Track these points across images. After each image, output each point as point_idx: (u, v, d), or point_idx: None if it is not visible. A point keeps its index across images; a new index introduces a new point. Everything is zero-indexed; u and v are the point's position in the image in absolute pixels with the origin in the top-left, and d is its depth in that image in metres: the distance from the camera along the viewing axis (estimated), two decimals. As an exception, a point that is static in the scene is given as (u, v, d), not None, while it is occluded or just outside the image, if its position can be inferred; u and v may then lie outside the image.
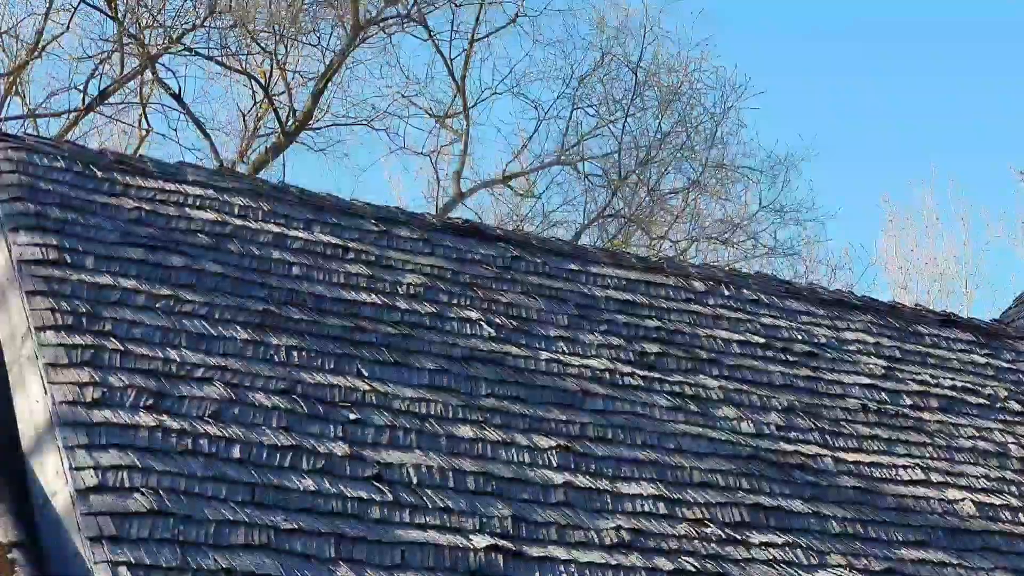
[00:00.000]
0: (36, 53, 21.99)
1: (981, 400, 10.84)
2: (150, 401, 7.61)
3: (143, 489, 7.10)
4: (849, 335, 10.95)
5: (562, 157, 24.80)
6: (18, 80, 22.26)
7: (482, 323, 9.34)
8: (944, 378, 10.91)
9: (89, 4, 22.09)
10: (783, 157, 25.99)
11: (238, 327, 8.40)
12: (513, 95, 25.04)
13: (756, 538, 8.52)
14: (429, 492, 7.86)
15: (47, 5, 21.93)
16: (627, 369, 9.50)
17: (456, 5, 23.90)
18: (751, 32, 40.73)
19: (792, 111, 40.14)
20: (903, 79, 43.65)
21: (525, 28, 25.06)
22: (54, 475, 7.17)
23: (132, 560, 6.73)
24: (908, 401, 10.47)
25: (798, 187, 40.10)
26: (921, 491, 9.57)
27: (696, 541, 8.30)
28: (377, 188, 42.23)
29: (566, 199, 25.19)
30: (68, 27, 22.21)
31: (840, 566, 8.58)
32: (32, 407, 7.53)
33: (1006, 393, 11.05)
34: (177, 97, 22.87)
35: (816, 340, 10.70)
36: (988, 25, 44.18)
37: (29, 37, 22.25)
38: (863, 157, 43.00)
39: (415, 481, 7.90)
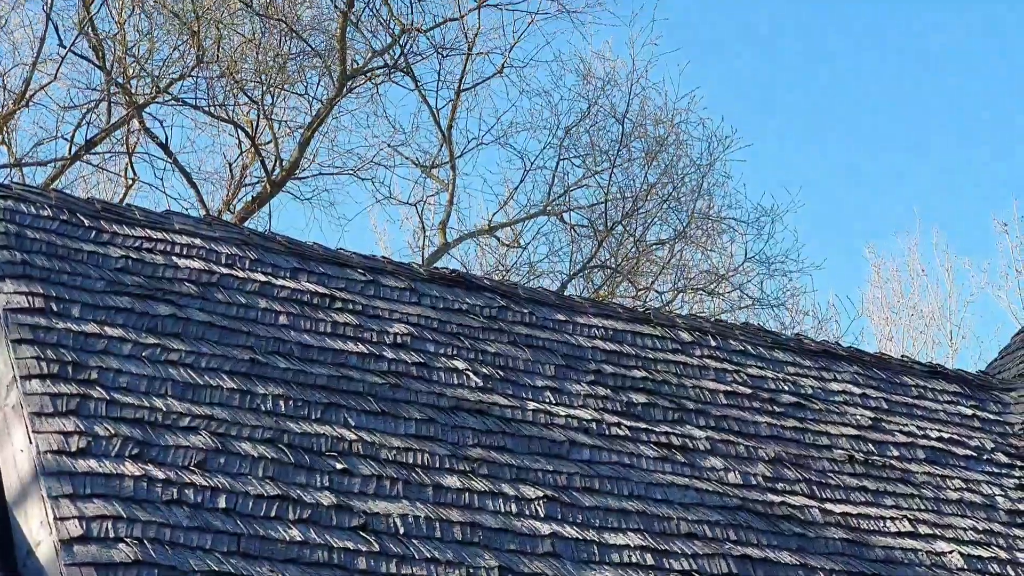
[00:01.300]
0: (23, 102, 22.01)
1: (968, 452, 10.83)
2: (135, 450, 7.58)
3: (128, 539, 7.06)
4: (835, 386, 10.95)
5: (548, 207, 24.84)
6: (5, 129, 22.27)
7: (469, 373, 9.32)
8: (931, 429, 10.90)
9: (76, 54, 22.14)
10: (769, 208, 26.08)
11: (224, 376, 8.38)
12: (499, 145, 25.10)
13: (743, 589, 8.49)
14: (415, 542, 7.83)
15: (35, 55, 21.97)
16: (614, 419, 9.48)
17: (443, 55, 23.99)
18: (738, 83, 40.93)
19: (777, 161, 40.29)
20: (887, 131, 43.86)
21: (512, 78, 25.08)
22: (38, 525, 7.13)
23: (116, 611, 6.68)
24: (895, 452, 10.46)
25: (784, 239, 40.27)
26: (909, 543, 9.55)
27: (683, 592, 8.26)
28: (363, 238, 42.28)
29: (552, 249, 25.23)
30: (56, 76, 22.24)
31: (828, 618, 8.55)
32: (16, 457, 7.50)
33: (993, 445, 11.05)
34: (164, 146, 22.90)
35: (803, 391, 10.70)
36: (968, 79, 44.45)
37: (16, 86, 22.27)
38: (848, 207, 43.16)
39: (401, 531, 7.87)
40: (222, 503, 7.53)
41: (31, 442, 7.40)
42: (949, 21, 43.90)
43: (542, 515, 8.39)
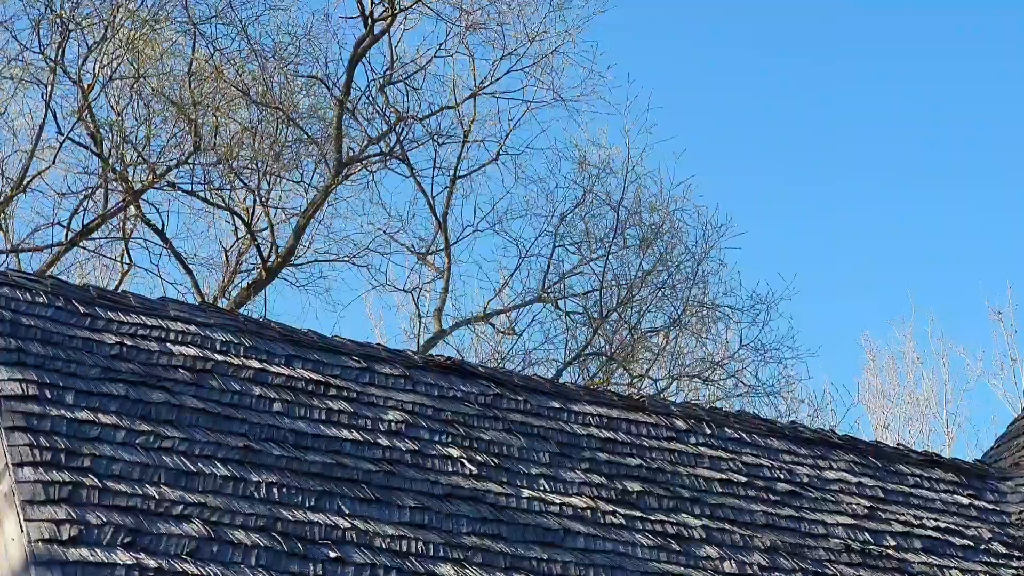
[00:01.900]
0: (21, 189, 22.09)
1: (965, 541, 10.78)
2: (127, 538, 7.53)
3: (119, 628, 7.00)
4: (831, 474, 10.92)
5: (543, 295, 24.86)
6: (2, 215, 22.33)
7: (463, 460, 9.29)
8: (927, 519, 10.86)
9: (74, 141, 22.22)
10: (764, 296, 26.08)
11: (218, 463, 8.35)
12: (495, 232, 25.15)
13: None
14: (409, 632, 7.77)
15: (33, 142, 22.07)
16: (609, 507, 9.44)
17: (438, 143, 24.09)
18: (732, 170, 41.14)
19: (772, 247, 40.42)
20: (881, 218, 44.06)
21: (507, 166, 25.18)
22: (29, 614, 7.07)
23: None
24: (892, 542, 10.41)
25: (778, 326, 40.26)
26: (906, 633, 9.49)
27: None
28: (358, 324, 42.27)
29: (547, 337, 25.21)
30: (54, 163, 22.34)
31: None
32: (8, 545, 7.45)
33: (990, 535, 11.00)
34: (160, 232, 22.95)
35: (798, 479, 10.66)
36: (960, 166, 44.71)
37: (14, 173, 22.35)
38: (842, 294, 43.22)
39: (395, 621, 7.81)
40: (214, 592, 7.48)
41: (22, 530, 7.36)
42: (944, 100, 44.21)
43: (537, 604, 8.34)
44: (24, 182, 22.14)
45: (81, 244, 22.77)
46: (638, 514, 9.50)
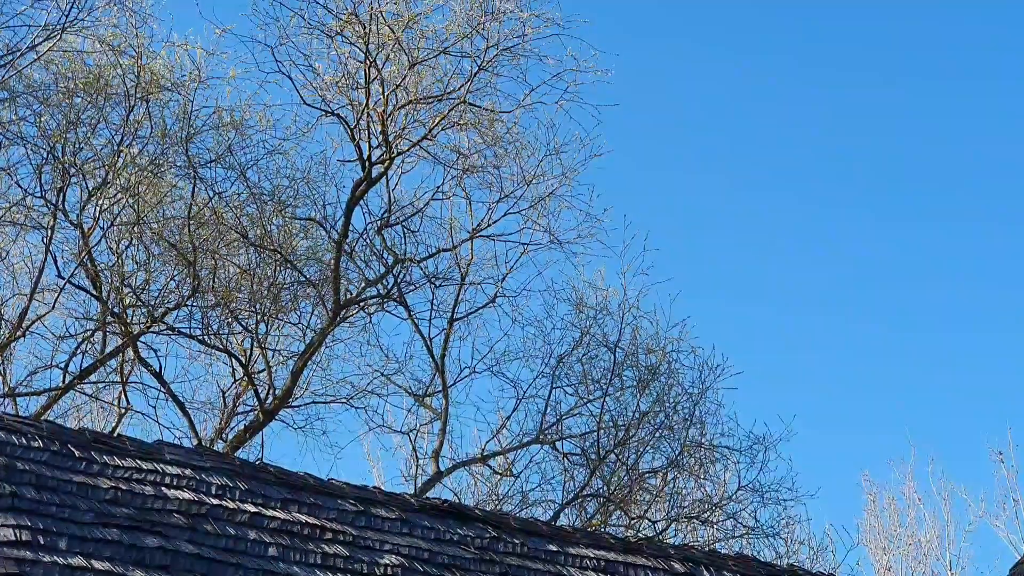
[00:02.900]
0: (20, 333, 22.14)
1: None
2: None
3: None
4: (831, 618, 10.85)
5: (541, 436, 24.82)
6: (0, 359, 22.36)
7: (460, 605, 9.23)
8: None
9: (74, 285, 22.33)
10: (761, 437, 26.03)
11: (212, 609, 8.29)
12: (492, 374, 25.15)
13: None
14: None
15: (33, 285, 22.17)
16: (607, 653, 9.36)
17: (436, 285, 24.20)
18: (728, 309, 41.29)
19: (770, 382, 40.39)
20: (880, 358, 44.12)
21: (504, 308, 25.27)
22: None
23: None
24: None
25: (777, 467, 40.08)
26: None
27: None
28: (356, 466, 42.13)
29: (545, 478, 25.11)
30: (53, 306, 22.42)
31: None
32: None
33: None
34: (158, 375, 22.96)
35: (798, 623, 10.58)
36: (960, 309, 44.90)
37: (13, 316, 22.43)
38: (841, 433, 43.12)
39: None
40: None
41: None
42: (943, 249, 44.50)
43: None
44: (23, 325, 22.21)
45: (78, 388, 22.78)
46: (636, 659, 9.42)
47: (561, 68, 23.17)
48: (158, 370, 23.03)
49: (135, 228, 22.52)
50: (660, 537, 23.62)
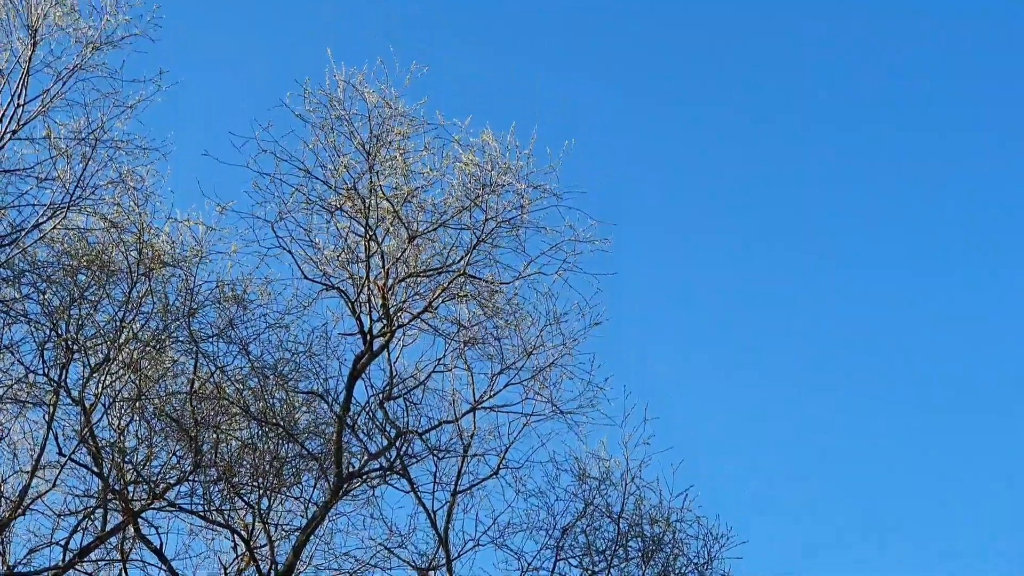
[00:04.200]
0: (20, 511, 22.04)
1: None
2: None
3: None
4: None
5: (547, 609, 24.58)
6: (0, 537, 22.23)
7: None
8: None
9: (75, 462, 22.27)
10: (770, 607, 25.79)
11: None
12: (496, 546, 24.99)
13: None
14: None
15: (33, 463, 22.13)
16: None
17: (439, 458, 24.13)
18: (731, 474, 41.08)
19: (775, 544, 40.04)
20: (875, 514, 43.85)
21: (507, 479, 25.19)
22: None
23: None
24: None
25: (785, 637, 39.56)
26: None
27: None
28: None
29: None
30: (54, 484, 22.34)
31: None
32: None
33: None
34: (158, 552, 22.79)
35: None
36: (962, 457, 44.73)
37: (13, 494, 22.35)
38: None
39: None
40: None
41: None
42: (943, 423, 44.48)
43: None
44: (24, 504, 22.13)
45: (79, 566, 22.62)
46: None
47: (560, 239, 23.41)
48: (159, 547, 22.89)
49: (137, 404, 22.55)
50: None
